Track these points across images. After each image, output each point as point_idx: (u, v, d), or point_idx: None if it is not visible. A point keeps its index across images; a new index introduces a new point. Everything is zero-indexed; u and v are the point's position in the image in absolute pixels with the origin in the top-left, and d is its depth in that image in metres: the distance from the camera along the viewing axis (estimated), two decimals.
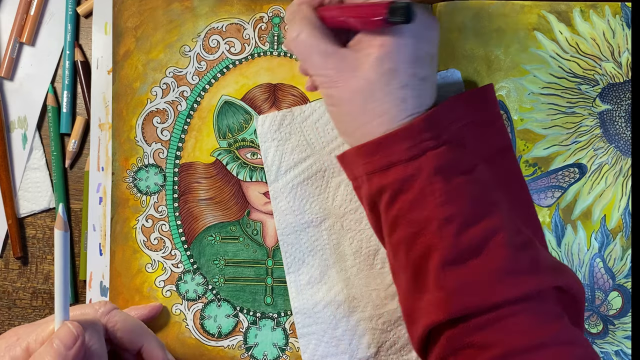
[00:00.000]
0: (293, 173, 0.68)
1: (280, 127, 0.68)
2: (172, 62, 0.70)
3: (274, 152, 0.68)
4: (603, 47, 0.69)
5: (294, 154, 0.68)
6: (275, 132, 0.68)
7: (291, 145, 0.68)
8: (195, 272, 0.69)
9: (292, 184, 0.68)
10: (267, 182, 0.68)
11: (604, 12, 0.69)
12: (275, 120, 0.68)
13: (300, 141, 0.68)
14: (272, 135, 0.68)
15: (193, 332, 0.69)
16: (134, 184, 0.69)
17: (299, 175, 0.68)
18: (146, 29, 0.70)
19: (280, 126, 0.68)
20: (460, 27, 0.69)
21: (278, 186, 0.68)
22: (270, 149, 0.68)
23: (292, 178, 0.68)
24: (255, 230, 0.69)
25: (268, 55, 0.70)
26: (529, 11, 0.69)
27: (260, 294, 0.69)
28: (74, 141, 0.72)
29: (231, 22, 0.70)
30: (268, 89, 0.70)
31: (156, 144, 0.69)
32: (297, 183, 0.68)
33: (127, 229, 0.69)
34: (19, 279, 0.72)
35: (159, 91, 0.70)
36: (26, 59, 0.73)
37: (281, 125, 0.68)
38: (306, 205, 0.68)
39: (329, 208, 0.68)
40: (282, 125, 0.68)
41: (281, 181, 0.68)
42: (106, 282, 0.69)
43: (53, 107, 0.72)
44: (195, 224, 0.69)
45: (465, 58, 0.69)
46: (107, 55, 0.71)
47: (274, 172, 0.68)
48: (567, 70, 0.69)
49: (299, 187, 0.68)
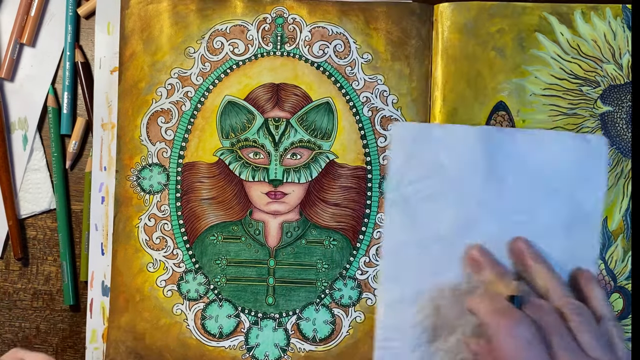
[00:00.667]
0: (415, 187, 0.66)
1: (416, 138, 0.67)
2: (177, 64, 0.70)
3: (402, 161, 0.66)
4: (604, 48, 0.69)
5: (422, 169, 0.67)
6: (409, 142, 0.67)
7: (421, 160, 0.67)
8: (196, 271, 0.69)
9: (411, 198, 0.67)
10: (386, 190, 0.66)
11: (604, 14, 0.69)
12: (413, 130, 0.67)
13: (432, 158, 0.67)
14: (405, 144, 0.67)
15: (194, 333, 0.69)
16: (137, 182, 0.69)
17: (420, 192, 0.66)
18: (152, 31, 0.70)
19: (416, 138, 0.67)
20: (462, 28, 0.69)
21: (396, 196, 0.66)
22: (398, 158, 0.67)
23: (412, 192, 0.66)
24: (258, 230, 0.69)
25: (271, 55, 0.70)
26: (530, 12, 0.69)
27: (262, 294, 0.69)
28: (75, 142, 0.72)
29: (235, 23, 0.70)
30: (271, 89, 0.70)
31: (160, 144, 0.70)
32: (416, 199, 0.67)
33: (129, 227, 0.69)
34: (19, 280, 0.72)
35: (164, 91, 0.70)
36: (26, 60, 0.73)
37: (417, 137, 0.67)
38: (419, 223, 0.67)
39: (441, 232, 0.67)
40: (418, 137, 0.67)
41: (401, 192, 0.66)
42: (108, 282, 0.69)
43: (53, 108, 0.72)
44: (197, 224, 0.69)
45: (466, 59, 0.69)
46: (109, 55, 0.71)
47: (395, 181, 0.66)
48: (569, 72, 0.69)
49: (416, 203, 0.67)
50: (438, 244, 0.65)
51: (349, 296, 0.69)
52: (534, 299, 0.57)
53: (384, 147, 0.70)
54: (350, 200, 0.70)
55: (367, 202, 0.70)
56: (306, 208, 0.70)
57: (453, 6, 0.69)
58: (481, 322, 0.58)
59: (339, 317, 0.69)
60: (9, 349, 0.69)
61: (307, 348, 0.69)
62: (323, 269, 0.69)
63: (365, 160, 0.70)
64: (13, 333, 0.72)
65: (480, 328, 0.62)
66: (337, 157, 0.70)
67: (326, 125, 0.70)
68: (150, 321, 0.69)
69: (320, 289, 0.69)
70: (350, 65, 0.70)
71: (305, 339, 0.69)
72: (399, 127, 0.66)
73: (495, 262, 0.61)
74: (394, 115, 0.70)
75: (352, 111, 0.70)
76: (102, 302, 0.70)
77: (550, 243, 0.65)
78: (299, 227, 0.70)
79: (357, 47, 0.70)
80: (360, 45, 0.70)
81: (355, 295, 0.69)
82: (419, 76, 0.70)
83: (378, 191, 0.70)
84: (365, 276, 0.69)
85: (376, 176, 0.70)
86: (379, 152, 0.70)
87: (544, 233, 0.65)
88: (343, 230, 0.70)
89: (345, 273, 0.69)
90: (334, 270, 0.69)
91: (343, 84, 0.70)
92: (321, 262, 0.69)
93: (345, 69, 0.70)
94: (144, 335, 0.69)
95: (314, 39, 0.70)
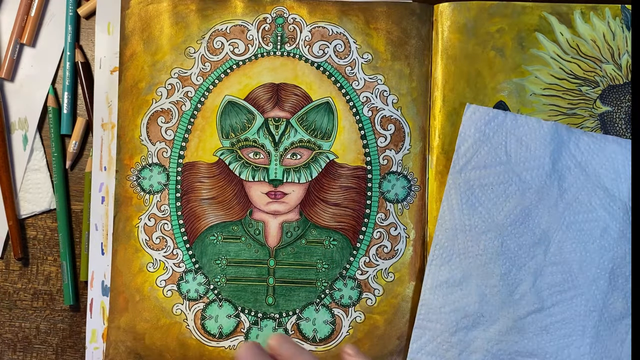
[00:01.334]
0: (479, 173, 0.67)
1: (488, 124, 0.67)
2: (177, 64, 0.70)
3: (470, 144, 0.67)
4: (603, 49, 0.70)
5: (489, 156, 0.67)
6: (481, 125, 0.68)
7: (489, 146, 0.68)
8: (196, 271, 0.69)
9: (473, 183, 0.67)
10: (450, 169, 0.68)
11: (604, 14, 0.70)
12: (487, 115, 0.68)
13: (500, 146, 0.68)
14: (477, 127, 0.67)
15: (194, 333, 0.69)
16: (137, 182, 0.69)
17: (484, 178, 0.67)
18: (152, 31, 0.70)
19: (488, 123, 0.68)
20: (462, 28, 0.69)
21: (459, 178, 0.67)
22: (468, 140, 0.67)
23: (476, 177, 0.67)
24: (258, 230, 0.69)
25: (271, 55, 0.70)
26: (530, 12, 0.69)
27: (262, 294, 0.69)
28: (75, 142, 0.72)
29: (235, 23, 0.70)
30: (271, 89, 0.70)
31: (160, 143, 0.70)
32: (478, 184, 0.67)
33: (129, 227, 0.69)
34: (19, 280, 0.72)
35: (164, 91, 0.70)
36: (27, 60, 0.73)
37: (489, 122, 0.68)
38: (477, 209, 0.67)
39: (497, 222, 0.67)
40: (490, 123, 0.68)
41: (464, 175, 0.67)
42: (108, 282, 0.69)
43: (53, 108, 0.72)
44: (197, 224, 0.69)
45: (466, 59, 0.69)
46: (110, 55, 0.71)
47: (461, 164, 0.67)
48: (568, 72, 0.69)
49: (478, 188, 0.67)
50: (492, 232, 0.67)
51: (349, 296, 0.69)
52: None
53: (384, 147, 0.70)
54: (350, 200, 0.70)
55: (367, 202, 0.70)
56: (306, 208, 0.70)
57: (453, 6, 0.70)
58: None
59: (339, 317, 0.69)
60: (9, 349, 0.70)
61: (307, 348, 0.69)
62: (323, 269, 0.69)
63: (365, 160, 0.70)
64: (13, 333, 0.71)
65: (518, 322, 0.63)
66: (337, 157, 0.70)
67: (326, 125, 0.70)
68: (150, 321, 0.69)
69: (320, 289, 0.69)
70: (350, 65, 0.70)
71: (305, 339, 0.69)
72: (474, 109, 0.67)
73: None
74: (394, 115, 0.70)
75: (352, 111, 0.70)
76: (102, 302, 0.70)
77: (603, 245, 0.67)
78: (299, 227, 0.70)
79: (357, 47, 0.70)
80: (361, 45, 0.70)
81: (355, 295, 0.69)
82: (419, 76, 0.70)
83: (378, 191, 0.70)
84: (365, 276, 0.69)
85: (376, 176, 0.70)
86: (379, 152, 0.70)
87: (598, 236, 0.67)
88: (343, 230, 0.70)
89: (345, 273, 0.69)
90: (334, 270, 0.69)
91: (343, 83, 0.70)
92: (321, 262, 0.69)
93: (345, 69, 0.70)
94: (144, 335, 0.69)
95: (314, 39, 0.70)
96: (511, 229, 0.67)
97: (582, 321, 0.67)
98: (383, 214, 0.70)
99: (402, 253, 0.69)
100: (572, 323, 0.67)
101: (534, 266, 0.67)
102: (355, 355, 0.56)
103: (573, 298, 0.67)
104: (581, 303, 0.67)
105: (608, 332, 0.67)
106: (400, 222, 0.70)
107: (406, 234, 0.69)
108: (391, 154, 0.70)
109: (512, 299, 0.67)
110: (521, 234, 0.67)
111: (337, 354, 0.69)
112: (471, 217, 0.67)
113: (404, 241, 0.69)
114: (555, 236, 0.67)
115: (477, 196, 0.67)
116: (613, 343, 0.67)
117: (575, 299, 0.67)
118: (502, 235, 0.67)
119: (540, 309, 0.67)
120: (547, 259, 0.67)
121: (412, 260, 0.69)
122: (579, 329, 0.67)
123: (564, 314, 0.67)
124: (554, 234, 0.67)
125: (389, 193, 0.70)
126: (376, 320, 0.69)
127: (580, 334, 0.67)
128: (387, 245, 0.69)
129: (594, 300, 0.67)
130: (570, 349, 0.67)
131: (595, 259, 0.67)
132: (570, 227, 0.67)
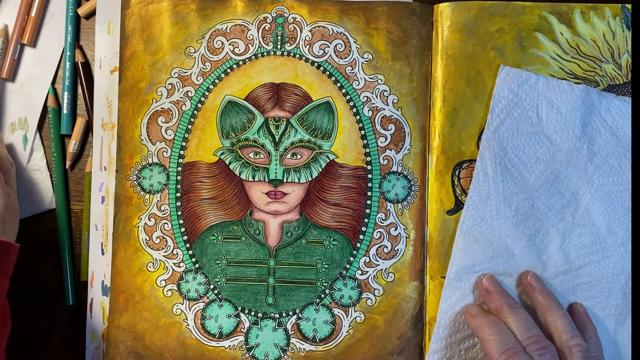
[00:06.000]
0: (511, 134, 0.68)
1: (521, 85, 0.68)
2: (177, 63, 0.70)
3: (504, 105, 0.68)
4: (603, 48, 0.70)
5: (522, 118, 0.68)
6: (514, 87, 0.68)
7: (522, 109, 0.68)
8: (196, 271, 0.69)
9: (505, 144, 0.68)
10: (484, 129, 0.69)
11: (604, 14, 0.70)
12: (520, 77, 0.68)
13: (532, 108, 0.68)
14: (510, 89, 0.68)
15: (194, 333, 0.69)
16: (137, 182, 0.69)
17: (516, 140, 0.68)
18: (152, 31, 0.70)
19: (521, 85, 0.68)
20: (462, 27, 0.69)
21: (492, 140, 0.68)
22: (502, 101, 0.68)
23: (509, 139, 0.68)
24: (258, 230, 0.69)
25: (271, 55, 0.70)
26: (530, 12, 0.70)
27: (262, 294, 0.69)
28: (75, 142, 0.72)
29: (235, 23, 0.70)
30: (271, 89, 0.70)
31: (160, 143, 0.70)
32: (510, 146, 0.68)
33: (129, 227, 0.69)
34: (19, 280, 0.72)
35: (164, 91, 0.70)
36: (27, 60, 0.73)
37: (522, 84, 0.68)
38: (509, 171, 0.68)
39: (529, 183, 0.68)
40: (523, 85, 0.68)
41: (497, 136, 0.68)
42: (107, 282, 0.69)
43: (53, 108, 0.72)
44: (197, 223, 0.69)
45: (466, 58, 0.69)
46: (110, 55, 0.71)
47: (495, 125, 0.68)
48: (568, 72, 0.69)
49: (511, 150, 0.68)
50: (524, 193, 0.67)
51: (349, 296, 0.69)
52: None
53: (384, 147, 0.70)
54: (350, 200, 0.70)
55: (367, 202, 0.70)
56: (306, 208, 0.70)
57: (453, 6, 0.70)
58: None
59: (339, 317, 0.69)
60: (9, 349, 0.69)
61: (307, 348, 0.69)
62: (323, 269, 0.69)
63: (366, 160, 0.70)
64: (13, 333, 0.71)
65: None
66: (338, 157, 0.70)
67: (326, 125, 0.70)
68: (150, 321, 0.69)
69: (320, 289, 0.69)
70: (350, 65, 0.70)
71: (305, 339, 0.69)
72: (507, 70, 0.68)
73: (506, 293, 0.64)
74: (394, 115, 0.70)
75: (352, 111, 0.70)
76: (102, 302, 0.70)
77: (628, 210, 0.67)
78: (299, 227, 0.70)
79: (357, 46, 0.70)
80: (361, 45, 0.70)
81: (355, 295, 0.69)
82: (419, 76, 0.70)
83: (378, 191, 0.70)
84: (365, 276, 0.69)
85: (376, 176, 0.70)
86: (379, 152, 0.70)
87: (626, 200, 0.68)
88: (343, 230, 0.70)
89: (345, 273, 0.69)
90: (334, 270, 0.69)
91: (343, 83, 0.70)
92: (321, 262, 0.69)
93: (345, 69, 0.70)
94: (144, 335, 0.69)
95: (315, 39, 0.70)
96: (542, 190, 0.68)
97: (609, 283, 0.68)
98: (383, 214, 0.70)
99: (402, 253, 0.69)
100: (599, 285, 0.68)
101: (563, 228, 0.68)
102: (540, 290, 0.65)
103: (601, 260, 0.68)
104: (609, 265, 0.68)
105: None
106: (401, 222, 0.70)
107: (406, 234, 0.69)
108: (391, 154, 0.70)
109: (541, 260, 0.67)
110: (551, 195, 0.68)
111: (338, 354, 0.69)
112: (504, 178, 0.68)
113: (404, 241, 0.69)
114: (583, 199, 0.68)
115: (509, 158, 0.68)
116: None
117: (602, 261, 0.68)
118: (533, 197, 0.68)
119: (568, 270, 0.67)
120: (576, 221, 0.68)
121: (412, 260, 0.69)
122: (606, 290, 0.68)
123: (591, 276, 0.68)
124: (583, 197, 0.68)
125: (389, 193, 0.70)
126: (376, 320, 0.69)
127: (606, 295, 0.68)
128: (387, 245, 0.69)
129: (622, 263, 0.68)
130: (596, 309, 0.68)
131: (624, 222, 0.68)
132: (599, 190, 0.68)
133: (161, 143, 0.70)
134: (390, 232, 0.70)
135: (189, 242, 0.69)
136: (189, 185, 0.69)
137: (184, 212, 0.69)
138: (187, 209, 0.69)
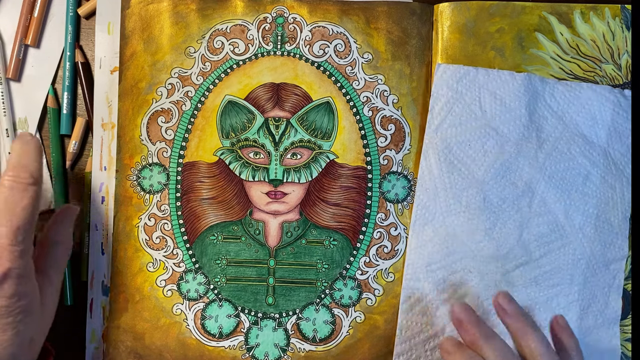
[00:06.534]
0: (455, 130, 0.68)
1: (460, 81, 0.68)
2: (177, 63, 0.70)
3: (443, 103, 0.68)
4: (603, 49, 0.70)
5: (464, 113, 0.68)
6: (453, 83, 0.68)
7: (463, 104, 0.68)
8: (196, 271, 0.69)
9: (450, 141, 0.68)
10: (427, 126, 0.69)
11: (603, 14, 0.70)
12: (458, 72, 0.68)
13: (474, 102, 0.68)
14: (449, 85, 0.68)
15: (194, 333, 0.69)
16: (137, 182, 0.69)
17: (460, 135, 0.68)
18: (152, 31, 0.70)
19: (460, 80, 0.68)
20: (462, 27, 0.69)
21: (435, 137, 0.68)
22: (441, 99, 0.68)
23: (452, 135, 0.68)
24: (258, 230, 0.69)
25: (271, 55, 0.70)
26: (530, 12, 0.70)
27: (262, 294, 0.69)
28: (75, 142, 0.72)
29: (235, 23, 0.71)
30: (271, 89, 0.70)
31: (160, 143, 0.70)
32: (455, 141, 0.68)
33: (129, 227, 0.69)
34: None
35: (164, 91, 0.70)
36: (27, 60, 0.73)
37: (461, 79, 0.68)
38: (455, 167, 0.68)
39: (477, 177, 0.68)
40: (462, 80, 0.68)
41: (440, 134, 0.68)
42: (108, 282, 0.69)
43: (53, 108, 0.72)
44: (197, 223, 0.69)
45: (466, 59, 0.69)
46: (110, 55, 0.71)
47: (436, 123, 0.68)
48: (568, 72, 0.70)
49: (455, 146, 0.68)
50: (473, 188, 0.67)
51: (349, 296, 0.69)
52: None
53: (384, 147, 0.70)
54: (350, 200, 0.70)
55: (367, 202, 0.70)
56: (306, 208, 0.70)
57: (453, 6, 0.70)
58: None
59: (339, 317, 0.69)
60: None
61: (307, 348, 0.69)
62: (323, 269, 0.69)
63: (366, 160, 0.70)
64: None
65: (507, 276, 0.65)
66: (338, 157, 0.70)
67: (326, 125, 0.70)
68: (150, 321, 0.69)
69: (320, 289, 0.69)
70: (350, 65, 0.70)
71: (305, 339, 0.69)
72: (444, 67, 0.67)
73: (479, 322, 0.61)
74: (395, 115, 0.70)
75: (352, 111, 0.70)
76: (102, 302, 0.70)
77: (586, 193, 0.67)
78: (299, 227, 0.70)
79: (357, 46, 0.70)
80: (361, 45, 0.70)
81: (355, 295, 0.69)
82: (419, 76, 0.70)
83: (378, 191, 0.70)
84: (366, 276, 0.69)
85: (376, 176, 0.70)
86: (379, 152, 0.70)
87: (580, 184, 0.67)
88: (343, 230, 0.70)
89: (346, 273, 0.69)
90: (334, 270, 0.69)
91: (343, 83, 0.70)
92: (321, 262, 0.69)
93: (345, 69, 0.70)
94: (144, 335, 0.69)
95: (315, 39, 0.70)
96: (492, 183, 0.68)
97: (570, 270, 0.68)
98: (383, 214, 0.70)
99: (402, 253, 0.69)
100: (560, 272, 0.68)
101: (520, 219, 0.68)
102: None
103: (560, 248, 0.68)
104: (569, 252, 0.68)
105: (595, 278, 0.68)
106: (401, 222, 0.70)
107: (406, 234, 0.69)
108: (391, 154, 0.70)
109: (500, 253, 0.67)
110: (503, 187, 0.68)
111: (338, 354, 0.69)
112: (450, 174, 0.68)
113: (404, 241, 0.69)
114: (538, 187, 0.68)
115: (454, 154, 0.68)
116: (600, 288, 0.68)
117: (562, 249, 0.68)
118: (484, 190, 0.68)
119: (528, 261, 0.68)
120: (532, 211, 0.68)
121: None
122: (567, 277, 0.68)
123: (552, 265, 0.68)
124: (537, 185, 0.68)
125: (389, 193, 0.70)
126: (376, 320, 0.69)
127: (568, 282, 0.68)
128: (387, 245, 0.69)
129: (581, 248, 0.68)
130: (559, 297, 0.68)
131: (580, 207, 0.68)
132: (553, 177, 0.68)
133: (161, 143, 0.70)
134: (390, 232, 0.70)
135: (189, 242, 0.69)
136: (189, 185, 0.69)
137: (184, 212, 0.69)
138: (187, 209, 0.69)
